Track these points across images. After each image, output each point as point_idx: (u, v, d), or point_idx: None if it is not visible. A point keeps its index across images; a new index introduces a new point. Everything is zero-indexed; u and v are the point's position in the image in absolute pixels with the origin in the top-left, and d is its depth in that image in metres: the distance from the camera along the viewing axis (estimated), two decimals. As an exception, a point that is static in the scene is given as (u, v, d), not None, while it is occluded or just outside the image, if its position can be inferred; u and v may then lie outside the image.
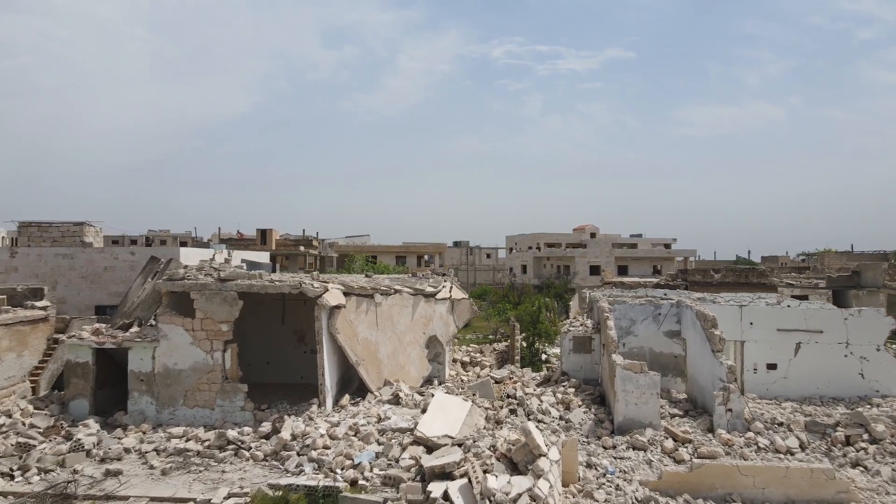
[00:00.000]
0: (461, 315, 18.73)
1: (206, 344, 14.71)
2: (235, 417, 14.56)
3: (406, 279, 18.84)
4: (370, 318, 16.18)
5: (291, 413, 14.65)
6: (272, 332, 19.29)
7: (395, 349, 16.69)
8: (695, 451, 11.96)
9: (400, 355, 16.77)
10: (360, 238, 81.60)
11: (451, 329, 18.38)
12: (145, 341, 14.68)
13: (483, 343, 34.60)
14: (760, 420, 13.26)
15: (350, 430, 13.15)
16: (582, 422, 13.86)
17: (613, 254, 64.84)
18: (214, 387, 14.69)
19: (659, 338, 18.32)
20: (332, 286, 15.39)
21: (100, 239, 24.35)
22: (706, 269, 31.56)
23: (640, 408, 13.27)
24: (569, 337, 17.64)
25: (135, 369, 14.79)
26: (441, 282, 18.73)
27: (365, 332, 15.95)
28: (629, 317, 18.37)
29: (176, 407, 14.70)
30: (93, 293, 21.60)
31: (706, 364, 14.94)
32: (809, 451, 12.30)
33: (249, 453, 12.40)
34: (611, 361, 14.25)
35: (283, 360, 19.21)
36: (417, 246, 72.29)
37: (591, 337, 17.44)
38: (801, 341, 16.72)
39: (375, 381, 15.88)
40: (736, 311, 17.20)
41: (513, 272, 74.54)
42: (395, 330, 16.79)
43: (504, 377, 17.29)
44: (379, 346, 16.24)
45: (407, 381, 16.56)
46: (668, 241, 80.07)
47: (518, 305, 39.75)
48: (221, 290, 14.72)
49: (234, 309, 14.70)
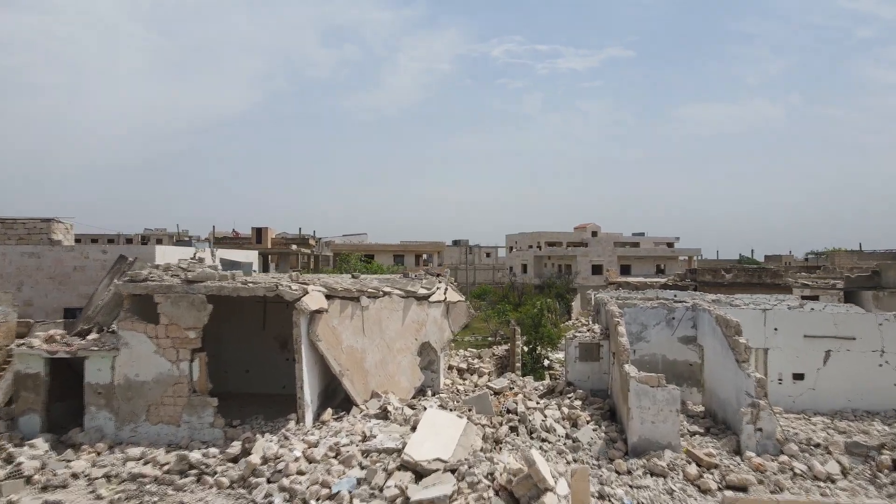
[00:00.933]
0: (457, 319, 17.21)
1: (172, 353, 13.19)
2: (204, 435, 13.04)
3: (396, 280, 17.30)
4: (356, 324, 14.65)
5: (266, 430, 13.13)
6: (252, 338, 17.77)
7: (384, 357, 15.16)
8: (722, 479, 10.43)
9: (389, 364, 15.24)
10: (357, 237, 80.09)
11: (445, 334, 16.86)
12: (103, 350, 13.15)
13: (482, 346, 33.08)
14: (794, 441, 11.72)
15: (330, 451, 11.62)
16: (591, 441, 12.33)
17: (616, 253, 63.31)
18: (181, 400, 13.16)
19: (673, 344, 16.80)
20: (313, 288, 13.86)
21: (70, 237, 22.80)
22: (716, 269, 30.04)
23: (657, 426, 11.74)
24: (574, 344, 16.10)
25: (92, 381, 13.27)
26: (435, 283, 17.20)
27: (350, 338, 14.42)
28: (640, 321, 16.86)
29: (138, 423, 13.17)
30: (61, 295, 20.07)
31: (728, 375, 13.41)
32: (853, 478, 10.77)
33: (214, 479, 10.87)
34: (623, 373, 12.72)
35: (263, 369, 17.68)
36: (415, 245, 70.73)
37: (600, 344, 15.91)
38: (830, 349, 15.20)
39: (361, 392, 14.35)
40: (758, 315, 15.68)
41: (513, 271, 72.99)
42: (384, 336, 15.26)
43: (504, 388, 15.77)
44: (365, 354, 14.72)
45: (397, 393, 15.04)
46: (670, 240, 78.64)
47: (519, 306, 38.23)
48: (188, 292, 13.19)
49: (202, 314, 13.18)
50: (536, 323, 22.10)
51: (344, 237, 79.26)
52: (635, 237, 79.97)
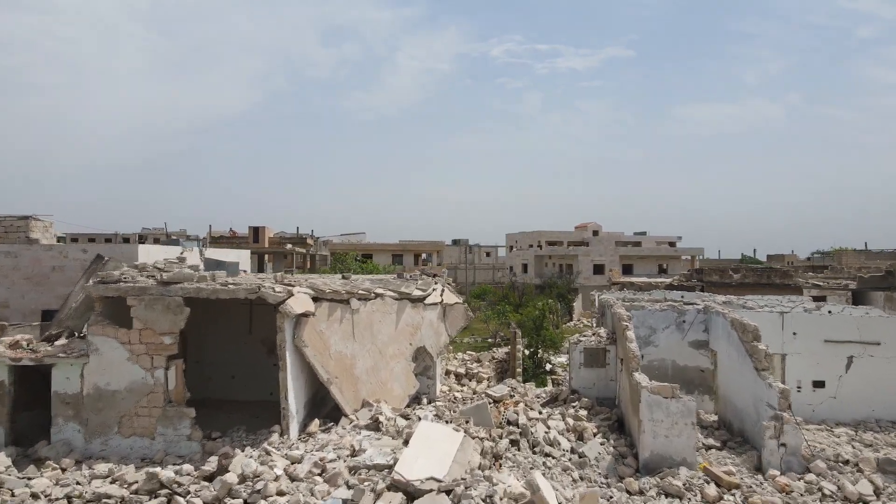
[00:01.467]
0: (454, 322, 16.23)
1: (146, 360, 12.21)
2: (180, 448, 12.07)
3: (390, 281, 16.32)
4: (345, 328, 13.67)
5: (247, 443, 12.17)
6: (238, 342, 16.80)
7: (376, 364, 14.19)
8: (745, 501, 9.46)
9: (381, 371, 14.27)
10: (355, 236, 79.17)
11: (442, 338, 15.88)
12: (71, 357, 12.18)
13: (481, 348, 32.12)
14: (821, 457, 10.75)
15: (315, 468, 10.65)
16: (599, 456, 11.36)
17: (618, 252, 62.32)
18: (155, 411, 12.19)
19: (683, 349, 15.85)
20: (299, 290, 12.89)
21: (49, 235, 21.82)
22: (723, 269, 29.06)
23: (671, 441, 10.77)
24: (579, 349, 15.13)
25: (59, 390, 12.30)
26: (431, 284, 16.22)
27: (339, 344, 13.45)
28: (648, 324, 15.92)
29: (109, 436, 12.20)
30: (39, 296, 19.08)
31: (746, 384, 12.45)
32: (886, 499, 9.80)
33: (186, 500, 9.90)
34: (633, 382, 11.75)
35: (249, 375, 16.72)
36: (414, 244, 69.75)
37: (606, 349, 14.94)
38: (853, 354, 14.23)
39: (351, 402, 13.38)
40: (776, 318, 14.71)
41: (513, 271, 72.00)
42: (376, 341, 14.30)
43: (504, 395, 14.80)
44: (356, 360, 13.74)
45: (390, 401, 14.07)
46: (672, 240, 77.74)
47: (519, 307, 37.26)
48: (164, 294, 12.22)
49: (178, 318, 12.20)
50: (538, 325, 21.09)
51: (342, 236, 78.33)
52: (637, 236, 79.08)
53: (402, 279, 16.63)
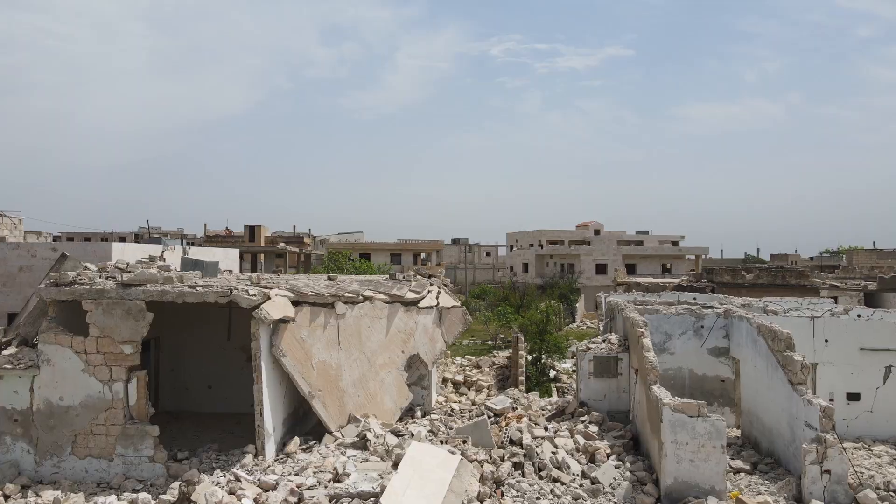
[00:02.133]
0: (451, 327, 14.88)
1: (104, 371, 10.85)
2: (141, 471, 10.71)
3: (381, 282, 14.94)
4: (330, 335, 12.32)
5: (217, 465, 10.83)
6: (216, 349, 15.44)
7: (364, 374, 12.84)
8: (787, 540, 8.11)
9: (370, 382, 12.92)
10: (353, 235, 77.87)
11: (438, 345, 14.52)
12: (19, 368, 10.81)
13: (481, 351, 30.80)
14: (870, 485, 9.39)
15: (291, 496, 9.31)
16: (614, 482, 10.01)
17: (621, 252, 60.99)
18: (114, 429, 10.83)
19: (701, 357, 14.52)
20: (277, 293, 11.54)
21: (18, 233, 20.48)
22: (735, 269, 27.71)
23: (697, 466, 9.42)
24: (588, 357, 13.78)
25: (7, 405, 10.93)
26: (426, 285, 14.86)
27: (322, 352, 12.09)
28: (663, 330, 14.59)
29: (62, 457, 10.85)
30: (5, 298, 17.75)
31: (777, 398, 11.11)
32: (949, 536, 8.46)
33: (139, 537, 8.57)
34: (651, 396, 10.41)
35: (228, 385, 15.36)
36: (413, 243, 68.27)
37: (618, 357, 13.59)
38: (892, 364, 12.89)
39: (336, 417, 12.03)
40: (805, 324, 13.36)
41: (513, 271, 70.64)
42: (364, 349, 12.94)
43: (505, 408, 13.46)
44: (341, 370, 12.39)
45: (379, 415, 12.73)
46: (675, 239, 76.51)
47: (520, 308, 35.93)
48: (124, 298, 10.86)
49: (140, 324, 10.84)
50: (542, 329, 19.71)
51: (339, 235, 77.06)
52: (639, 235, 77.84)
53: (394, 280, 15.27)
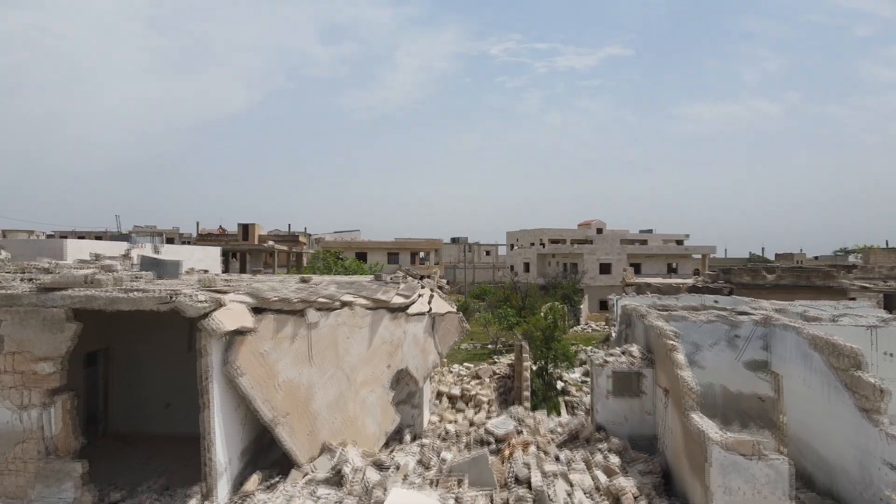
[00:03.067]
0: (446, 336, 12.87)
1: (16, 395, 8.86)
2: (63, 518, 8.72)
3: (363, 285, 12.90)
4: (299, 348, 10.30)
5: (156, 511, 8.83)
6: (175, 363, 13.43)
7: (342, 394, 10.82)
8: None
9: (349, 403, 10.90)
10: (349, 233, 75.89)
11: (430, 358, 12.51)
12: (-89, 392, 8.82)
13: (481, 356, 28.78)
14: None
15: (240, 557, 7.33)
16: (646, 537, 7.99)
17: (625, 251, 58.95)
18: (29, 466, 8.84)
19: (736, 371, 12.52)
20: (234, 298, 9.52)
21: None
22: (756, 269, 25.67)
23: (754, 520, 7.41)
24: (606, 372, 11.77)
25: None
26: (416, 288, 12.84)
27: (289, 369, 10.08)
28: (691, 340, 12.59)
29: (-34, 500, 8.86)
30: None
31: (841, 427, 9.10)
32: None
33: None
34: (691, 428, 8.40)
35: (189, 403, 13.31)
36: (411, 242, 66.19)
37: (641, 373, 11.58)
38: (968, 383, 10.85)
39: (306, 446, 10.02)
40: (861, 334, 11.37)
41: (514, 270, 68.60)
42: (342, 364, 10.93)
43: (509, 433, 11.45)
44: (313, 390, 10.37)
45: (360, 442, 10.73)
46: (680, 238, 74.54)
47: (523, 309, 33.88)
48: (42, 305, 8.86)
49: (60, 337, 8.85)
50: (548, 336, 17.66)
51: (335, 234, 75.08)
52: (643, 234, 75.92)
53: (379, 283, 13.23)
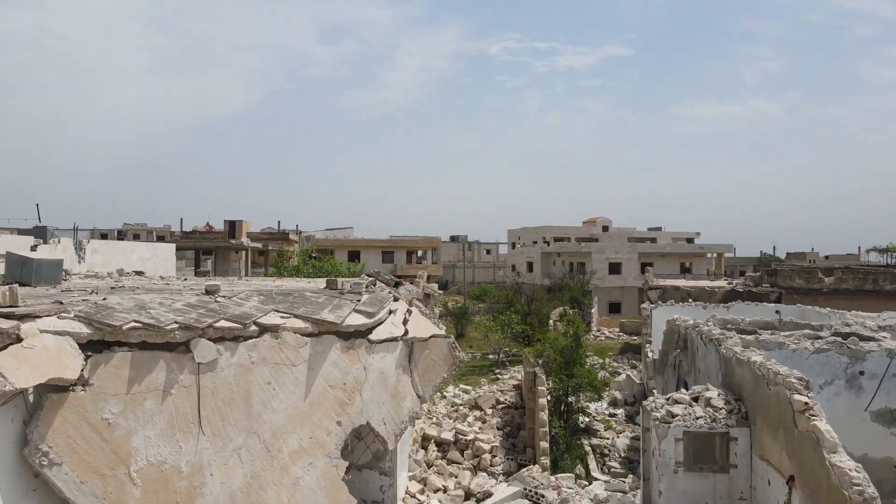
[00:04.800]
0: (429, 372, 8.75)
1: None
2: None
3: (305, 297, 8.68)
4: (177, 407, 6.18)
5: None
6: None
7: (256, 475, 6.70)
8: None
9: (268, 490, 6.77)
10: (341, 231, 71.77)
11: (406, 404, 8.38)
12: None
13: (481, 369, 24.68)
14: None
15: None
16: None
17: (636, 249, 54.84)
18: None
19: (860, 424, 8.46)
20: (51, 326, 5.41)
21: None
22: (810, 270, 21.55)
23: None
24: (672, 433, 7.62)
25: None
26: (385, 301, 8.69)
27: (157, 446, 5.97)
28: (791, 377, 8.46)
29: None
30: None
31: None
32: None
33: None
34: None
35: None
36: (407, 240, 61.98)
37: (729, 435, 7.44)
38: None
39: (187, 573, 5.91)
40: None
41: (516, 270, 64.43)
42: (259, 427, 6.82)
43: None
44: (202, 475, 6.26)
45: (289, 550, 6.61)
46: (690, 236, 70.34)
47: (528, 315, 29.75)
48: None
49: None
50: (568, 360, 13.39)
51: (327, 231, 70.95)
52: (651, 232, 71.77)
53: (332, 291, 9.04)
